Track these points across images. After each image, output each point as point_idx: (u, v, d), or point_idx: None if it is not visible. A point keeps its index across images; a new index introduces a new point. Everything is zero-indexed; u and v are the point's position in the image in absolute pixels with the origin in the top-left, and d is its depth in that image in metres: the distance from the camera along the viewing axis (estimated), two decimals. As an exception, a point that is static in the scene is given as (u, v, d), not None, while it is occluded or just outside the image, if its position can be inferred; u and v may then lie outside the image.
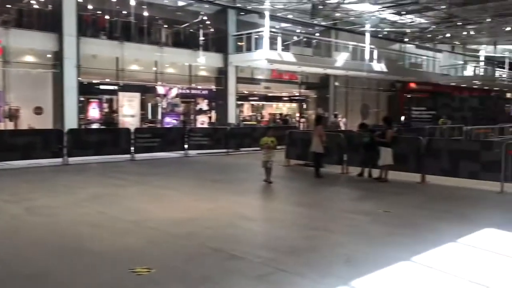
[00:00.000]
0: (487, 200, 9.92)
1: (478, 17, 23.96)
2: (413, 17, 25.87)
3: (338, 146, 13.63)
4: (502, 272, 5.37)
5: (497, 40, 33.20)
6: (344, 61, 29.09)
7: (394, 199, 9.94)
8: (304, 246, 6.32)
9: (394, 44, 35.18)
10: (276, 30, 26.51)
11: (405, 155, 12.13)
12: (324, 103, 32.69)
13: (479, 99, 28.15)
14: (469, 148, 11.38)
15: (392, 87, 36.59)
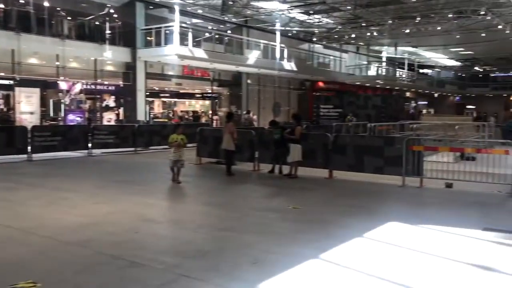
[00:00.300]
0: (391, 193, 10.28)
1: (380, 19, 25.19)
2: (321, 17, 26.61)
3: (250, 143, 13.51)
4: (406, 266, 5.44)
5: (398, 41, 35.21)
6: (255, 59, 29.20)
7: (303, 195, 9.98)
8: (211, 249, 6.01)
9: (303, 43, 36.05)
10: (187, 25, 25.91)
11: (314, 151, 12.28)
12: (237, 101, 32.64)
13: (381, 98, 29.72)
14: (373, 144, 11.78)
15: (302, 85, 37.50)
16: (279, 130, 12.48)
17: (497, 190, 10.16)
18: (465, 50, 42.33)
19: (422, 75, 51.64)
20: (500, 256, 5.81)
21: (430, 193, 10.32)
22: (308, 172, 12.25)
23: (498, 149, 10.30)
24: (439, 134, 20.65)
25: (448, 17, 23.26)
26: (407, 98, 51.70)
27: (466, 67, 54.92)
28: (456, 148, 12.02)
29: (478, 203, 9.09)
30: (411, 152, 10.90)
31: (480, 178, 10.34)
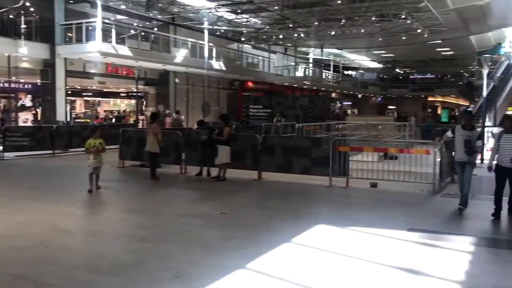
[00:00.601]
0: (318, 194, 10.25)
1: (307, 20, 25.53)
2: (249, 17, 26.50)
3: (176, 145, 13.01)
4: (334, 273, 5.30)
5: (324, 43, 35.97)
6: (183, 57, 28.55)
7: (231, 198, 9.68)
8: (129, 262, 5.53)
9: (232, 43, 35.85)
10: (111, 21, 24.75)
11: (243, 152, 12.04)
12: (164, 100, 31.77)
13: (309, 98, 30.21)
14: (301, 144, 11.74)
15: (232, 85, 37.30)
16: (207, 130, 12.11)
17: (419, 189, 10.45)
18: (386, 52, 44.18)
19: (347, 76, 53.29)
20: (425, 258, 5.84)
21: (356, 193, 10.42)
22: (237, 174, 11.99)
23: (419, 149, 10.63)
24: (363, 134, 21.25)
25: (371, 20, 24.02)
26: (333, 99, 53.18)
27: (388, 69, 57.46)
28: (380, 148, 12.31)
29: (402, 203, 9.27)
30: (338, 152, 10.97)
31: (403, 178, 10.60)
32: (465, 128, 8.36)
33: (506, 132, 7.95)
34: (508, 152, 7.78)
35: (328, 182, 10.95)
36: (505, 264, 5.70)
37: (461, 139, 8.23)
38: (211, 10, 24.13)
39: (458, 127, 8.49)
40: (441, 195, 9.88)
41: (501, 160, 7.92)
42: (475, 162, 8.59)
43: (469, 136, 8.18)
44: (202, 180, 11.93)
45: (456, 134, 8.41)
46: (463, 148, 8.17)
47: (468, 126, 8.41)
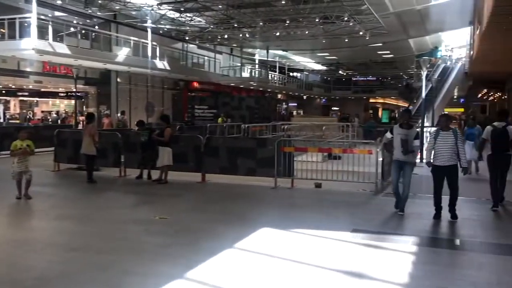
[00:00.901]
0: (263, 196, 10.06)
1: (252, 20, 25.42)
2: (193, 16, 26.01)
3: (115, 146, 12.42)
4: (277, 279, 5.09)
5: (269, 44, 36.03)
6: (125, 56, 27.62)
7: (173, 202, 9.30)
8: (56, 275, 5.07)
9: (177, 43, 35.16)
10: (48, 18, 23.50)
11: (185, 154, 11.67)
12: (106, 100, 30.62)
13: (255, 99, 30.18)
14: (246, 145, 11.52)
15: (177, 85, 36.61)
16: (147, 131, 11.61)
17: (362, 188, 10.51)
18: (330, 55, 45.01)
19: (292, 78, 53.83)
20: (369, 260, 5.76)
21: (301, 194, 10.33)
22: (179, 176, 11.60)
23: (362, 149, 10.71)
24: (308, 135, 21.40)
25: (315, 22, 24.25)
26: (279, 100, 53.55)
27: (331, 71, 58.63)
28: (324, 149, 12.32)
29: (345, 203, 9.26)
30: (283, 153, 10.85)
31: (347, 177, 10.63)
32: (402, 126, 8.23)
33: (443, 129, 7.95)
34: (444, 150, 7.76)
35: (273, 183, 10.79)
36: (448, 265, 5.72)
37: (399, 138, 8.10)
38: (153, 8, 23.42)
39: (396, 126, 8.37)
40: (383, 195, 9.97)
41: (437, 158, 7.88)
42: (414, 162, 8.59)
43: (406, 135, 8.03)
44: (143, 183, 11.44)
45: (394, 133, 8.27)
46: (400, 147, 8.07)
47: (406, 125, 8.26)
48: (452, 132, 7.89)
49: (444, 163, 7.78)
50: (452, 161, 7.79)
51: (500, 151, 8.65)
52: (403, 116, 8.77)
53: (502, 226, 7.76)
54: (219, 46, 39.43)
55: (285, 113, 53.86)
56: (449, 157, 7.77)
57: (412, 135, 8.10)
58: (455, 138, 7.81)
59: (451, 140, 7.79)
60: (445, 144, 7.80)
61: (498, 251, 6.21)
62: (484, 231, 7.27)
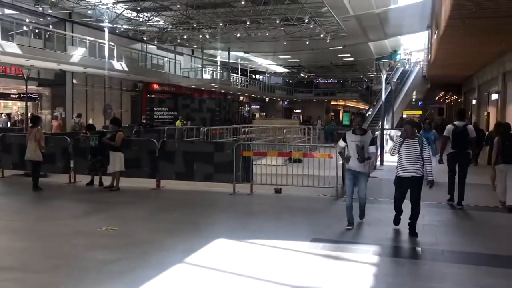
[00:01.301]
0: (221, 203, 9.63)
1: (212, 21, 24.94)
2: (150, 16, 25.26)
3: (64, 151, 11.69)
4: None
5: (231, 46, 35.63)
6: (80, 57, 26.60)
7: (124, 211, 8.73)
8: (-20, 301, 4.49)
9: (136, 43, 34.27)
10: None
11: (139, 159, 11.08)
12: (61, 102, 29.40)
13: (216, 101, 29.67)
14: (203, 150, 11.01)
15: (136, 87, 35.69)
16: (97, 135, 10.96)
17: (322, 193, 10.26)
18: (292, 57, 45.04)
19: (255, 80, 53.66)
20: (329, 273, 5.43)
21: (260, 200, 9.96)
22: (133, 183, 11.03)
23: (323, 153, 10.44)
24: (270, 137, 21.13)
25: (276, 23, 24.02)
26: (241, 102, 53.22)
27: (293, 73, 58.80)
28: (284, 153, 11.98)
29: (305, 209, 8.95)
30: (241, 157, 10.46)
31: (307, 182, 10.32)
32: (356, 132, 7.46)
33: (408, 137, 7.14)
34: (409, 160, 7.05)
35: (232, 190, 10.39)
36: (409, 275, 5.48)
37: (354, 145, 7.37)
38: (108, 7, 22.55)
39: (349, 133, 7.56)
40: (343, 200, 9.69)
41: (401, 169, 7.15)
42: (369, 172, 8.08)
43: (361, 141, 7.35)
44: (93, 190, 10.78)
45: (347, 140, 7.50)
46: (356, 155, 7.34)
47: (359, 130, 7.50)
48: (417, 140, 7.12)
49: (408, 174, 7.09)
50: (417, 173, 7.08)
51: (460, 149, 9.09)
52: (356, 120, 7.78)
53: (464, 233, 7.62)
54: (179, 47, 38.72)
55: (247, 115, 53.59)
56: (413, 168, 7.06)
57: (367, 141, 7.43)
58: (420, 146, 7.05)
59: (416, 149, 7.05)
60: (410, 153, 7.06)
61: (461, 260, 6.01)
62: (446, 238, 7.08)
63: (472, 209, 9.06)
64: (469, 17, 14.54)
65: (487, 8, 13.15)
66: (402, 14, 27.58)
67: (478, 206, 9.31)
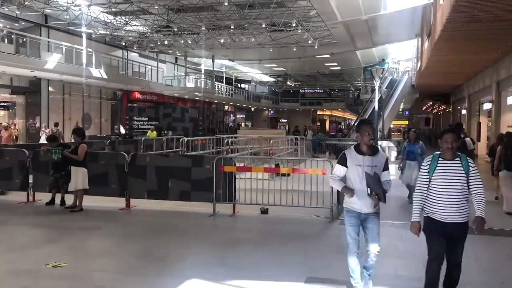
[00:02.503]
0: (198, 228, 8.27)
1: (194, 25, 23.68)
2: (129, 20, 23.94)
3: (21, 166, 10.29)
4: None
5: (215, 53, 34.55)
6: (56, 63, 25.21)
7: (81, 239, 7.35)
8: None
9: (116, 50, 33.00)
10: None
11: (106, 175, 9.72)
12: (36, 111, 27.94)
13: (199, 110, 28.31)
14: (178, 164, 9.63)
15: (115, 95, 34.34)
16: (59, 148, 9.59)
17: (314, 214, 9.03)
18: (278, 66, 44.13)
19: (240, 89, 52.65)
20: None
21: (243, 224, 8.67)
22: (100, 202, 9.69)
23: (315, 169, 9.21)
24: (255, 148, 19.91)
25: (262, 28, 22.90)
26: (226, 111, 52.05)
27: (279, 82, 57.91)
28: (270, 169, 10.69)
29: (296, 235, 7.67)
30: (222, 173, 9.18)
31: (297, 201, 9.07)
32: (362, 152, 4.73)
33: (444, 157, 4.44)
34: (450, 195, 4.33)
35: (211, 210, 9.10)
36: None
37: (359, 172, 4.66)
38: (80, 8, 21.16)
39: (351, 152, 4.80)
40: (340, 222, 8.48)
41: (436, 209, 4.41)
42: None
43: (372, 165, 4.66)
44: (52, 211, 9.37)
45: (349, 163, 4.75)
46: (364, 188, 4.64)
47: (368, 148, 4.76)
48: (461, 162, 4.41)
49: (450, 218, 4.37)
50: (462, 217, 4.39)
51: None
52: (363, 130, 4.74)
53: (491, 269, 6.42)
54: (162, 54, 37.52)
55: (233, 125, 52.41)
56: (457, 208, 4.36)
57: (380, 164, 4.75)
58: (466, 173, 4.37)
59: (460, 177, 4.36)
60: (451, 184, 4.35)
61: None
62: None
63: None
64: (468, 21, 13.70)
65: (490, 10, 12.23)
66: (391, 21, 26.92)
67: (492, 230, 8.14)
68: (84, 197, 9.35)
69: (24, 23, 26.57)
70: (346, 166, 4.80)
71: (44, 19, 27.07)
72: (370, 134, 4.74)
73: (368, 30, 28.87)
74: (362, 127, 4.80)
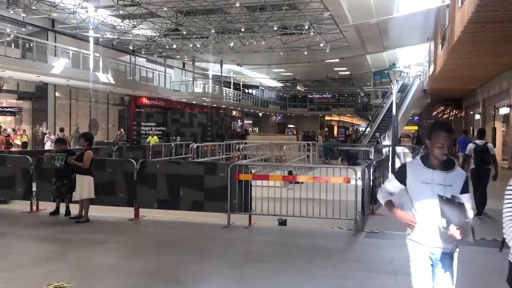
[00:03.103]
0: (211, 241, 7.60)
1: (203, 28, 23.17)
2: (136, 23, 23.49)
3: (24, 174, 9.76)
4: None
5: (223, 58, 34.12)
6: (63, 68, 24.85)
7: (86, 256, 6.69)
8: None
9: (124, 55, 32.68)
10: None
11: (113, 183, 9.15)
12: (43, 116, 27.62)
13: (208, 116, 27.86)
14: (190, 172, 9.00)
15: (123, 101, 33.99)
16: (63, 155, 9.03)
17: (336, 226, 8.40)
18: (286, 71, 43.64)
19: (248, 94, 52.23)
20: None
21: (260, 237, 8.02)
22: (107, 211, 9.13)
23: (337, 177, 8.57)
24: (266, 154, 19.32)
25: (273, 31, 22.34)
26: (233, 117, 51.56)
27: (287, 87, 57.40)
28: (289, 177, 10.04)
29: (320, 250, 7.01)
30: (238, 181, 8.58)
31: (318, 212, 8.40)
32: (432, 166, 3.41)
33: None
34: None
35: (225, 221, 8.50)
36: None
37: (428, 193, 3.33)
38: (87, 10, 20.71)
39: (416, 164, 3.51)
40: (365, 235, 7.86)
41: None
42: None
43: (445, 184, 3.34)
44: (56, 222, 8.80)
45: (411, 180, 3.45)
46: (436, 216, 3.24)
47: (441, 163, 3.39)
48: None
49: None
50: None
51: (482, 166, 9.58)
52: (435, 136, 3.39)
53: None
54: (170, 60, 37.17)
55: (240, 130, 51.92)
56: None
57: (456, 183, 3.38)
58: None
59: None
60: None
61: None
62: None
63: None
64: (491, 21, 13.13)
65: (517, 9, 11.64)
66: (403, 24, 26.40)
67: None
68: (91, 207, 8.79)
69: (31, 28, 26.35)
70: (405, 184, 3.48)
71: (51, 23, 26.83)
72: (444, 147, 3.34)
73: (379, 34, 28.38)
74: (435, 135, 3.38)
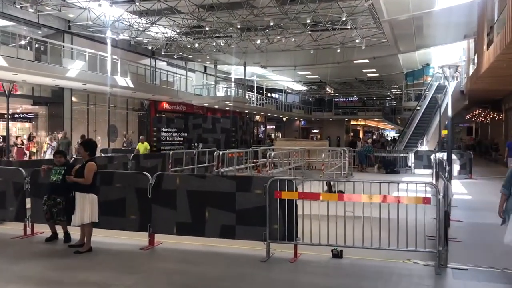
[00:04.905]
0: (246, 282, 5.72)
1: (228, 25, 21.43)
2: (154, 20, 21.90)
3: (18, 189, 8.04)
4: None
5: (247, 60, 32.49)
6: (79, 71, 23.50)
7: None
8: None
9: (143, 58, 31.35)
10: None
11: (123, 202, 7.34)
12: (59, 122, 26.41)
13: (232, 120, 26.07)
14: (218, 188, 7.05)
15: (142, 106, 32.64)
16: (62, 168, 7.28)
17: (408, 258, 6.44)
18: (311, 73, 41.85)
19: (271, 98, 50.54)
20: None
21: (312, 277, 5.99)
22: (115, 236, 7.36)
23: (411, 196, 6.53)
24: (297, 162, 17.44)
25: (303, 26, 20.40)
26: (256, 122, 49.91)
27: (312, 91, 55.55)
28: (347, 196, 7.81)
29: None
30: (279, 200, 6.68)
31: (382, 237, 6.42)
32: None
33: None
34: None
35: (264, 252, 6.61)
36: None
37: None
38: (100, 4, 19.16)
39: None
40: (454, 276, 5.85)
41: None
42: None
43: None
44: (52, 251, 7.00)
45: None
46: None
47: None
48: None
49: None
50: None
51: None
52: None
53: None
54: (191, 62, 35.73)
55: (263, 136, 50.23)
56: None
57: None
58: None
59: None
60: None
61: None
62: None
63: None
64: None
65: None
66: (439, 21, 24.51)
67: None
68: (95, 230, 7.00)
69: (47, 30, 25.22)
70: None
71: (67, 25, 25.66)
72: None
73: (413, 31, 26.57)
74: None
